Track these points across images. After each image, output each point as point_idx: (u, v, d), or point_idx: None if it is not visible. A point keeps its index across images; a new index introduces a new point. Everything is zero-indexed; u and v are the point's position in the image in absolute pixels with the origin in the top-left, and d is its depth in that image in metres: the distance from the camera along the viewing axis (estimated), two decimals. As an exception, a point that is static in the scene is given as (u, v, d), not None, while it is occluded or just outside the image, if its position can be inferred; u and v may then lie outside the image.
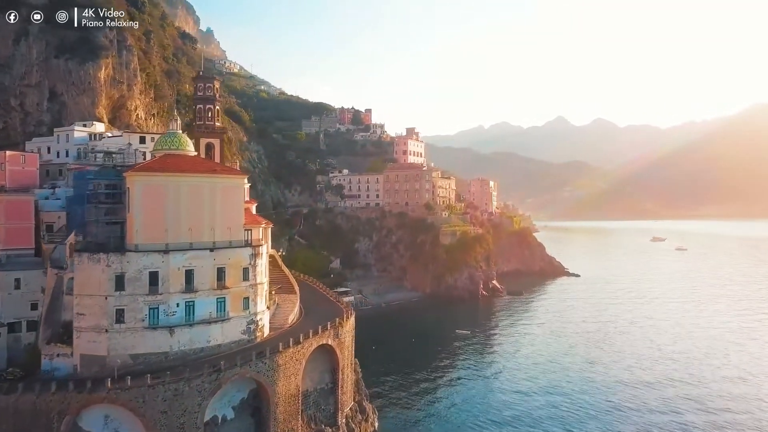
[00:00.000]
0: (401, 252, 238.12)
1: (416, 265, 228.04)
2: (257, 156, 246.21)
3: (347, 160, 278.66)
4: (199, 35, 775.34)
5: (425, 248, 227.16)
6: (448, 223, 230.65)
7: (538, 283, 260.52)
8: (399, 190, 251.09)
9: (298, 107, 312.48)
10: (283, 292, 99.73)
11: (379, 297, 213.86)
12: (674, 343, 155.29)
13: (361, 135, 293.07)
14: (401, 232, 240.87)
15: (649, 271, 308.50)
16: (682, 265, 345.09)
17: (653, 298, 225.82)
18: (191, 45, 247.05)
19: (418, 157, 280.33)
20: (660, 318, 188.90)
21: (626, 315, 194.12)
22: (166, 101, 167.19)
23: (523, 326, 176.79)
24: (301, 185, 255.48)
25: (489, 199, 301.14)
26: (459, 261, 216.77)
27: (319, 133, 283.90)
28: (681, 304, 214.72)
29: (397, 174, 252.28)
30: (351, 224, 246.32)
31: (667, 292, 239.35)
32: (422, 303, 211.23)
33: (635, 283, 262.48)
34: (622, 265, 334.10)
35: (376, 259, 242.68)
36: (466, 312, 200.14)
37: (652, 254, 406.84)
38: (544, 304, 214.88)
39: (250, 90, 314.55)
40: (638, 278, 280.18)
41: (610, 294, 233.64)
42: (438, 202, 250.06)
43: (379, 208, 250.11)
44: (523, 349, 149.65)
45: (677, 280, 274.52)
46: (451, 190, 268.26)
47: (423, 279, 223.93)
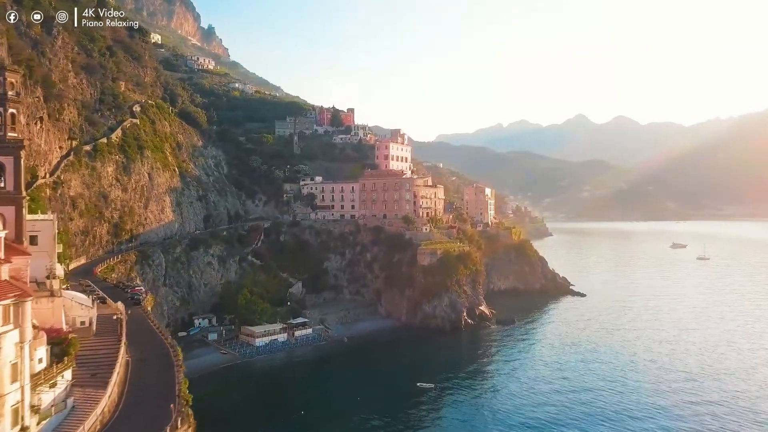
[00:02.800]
0: (376, 272, 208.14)
1: (391, 289, 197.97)
2: (215, 162, 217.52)
3: (324, 166, 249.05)
4: (200, 33, 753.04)
5: (401, 269, 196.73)
6: (428, 239, 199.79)
7: (536, 306, 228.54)
8: (377, 200, 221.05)
9: (273, 107, 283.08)
10: (89, 385, 65.81)
11: (346, 328, 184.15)
12: (698, 392, 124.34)
13: (340, 138, 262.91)
14: (377, 249, 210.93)
15: (667, 288, 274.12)
16: (704, 278, 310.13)
17: (669, 323, 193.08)
18: (141, 38, 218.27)
19: (402, 163, 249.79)
20: (675, 353, 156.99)
21: (635, 348, 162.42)
22: (65, 100, 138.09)
23: (507, 373, 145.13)
24: (267, 195, 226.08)
25: (485, 209, 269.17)
26: (438, 285, 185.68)
27: (294, 135, 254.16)
28: (702, 334, 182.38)
29: (374, 182, 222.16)
30: (321, 240, 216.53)
31: (685, 316, 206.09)
32: (394, 335, 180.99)
33: (649, 305, 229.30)
34: (636, 280, 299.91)
35: (349, 280, 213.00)
36: (444, 348, 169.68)
37: (671, 265, 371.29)
38: (538, 336, 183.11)
39: (221, 88, 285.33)
40: (653, 298, 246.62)
41: (617, 320, 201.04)
42: (421, 214, 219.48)
43: (354, 220, 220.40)
44: (500, 409, 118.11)
45: (698, 300, 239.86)
46: (438, 200, 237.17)
47: (399, 305, 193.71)
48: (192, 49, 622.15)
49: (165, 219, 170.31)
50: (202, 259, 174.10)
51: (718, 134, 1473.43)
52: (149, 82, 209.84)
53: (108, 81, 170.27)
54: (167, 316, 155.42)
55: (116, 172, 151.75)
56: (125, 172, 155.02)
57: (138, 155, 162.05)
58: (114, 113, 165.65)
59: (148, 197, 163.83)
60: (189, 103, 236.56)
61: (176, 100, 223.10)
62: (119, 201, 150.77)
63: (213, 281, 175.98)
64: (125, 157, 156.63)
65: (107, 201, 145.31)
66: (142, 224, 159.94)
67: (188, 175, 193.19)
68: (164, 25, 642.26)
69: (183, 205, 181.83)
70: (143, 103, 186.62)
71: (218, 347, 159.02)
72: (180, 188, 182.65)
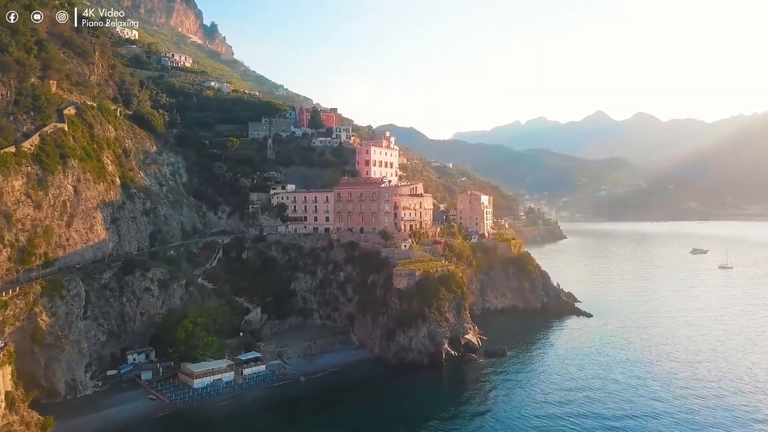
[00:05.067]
0: (349, 294, 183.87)
1: (364, 315, 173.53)
2: (171, 170, 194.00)
3: (301, 172, 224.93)
4: (202, 30, 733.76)
5: (375, 292, 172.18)
6: (407, 258, 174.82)
7: (534, 329, 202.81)
8: (353, 211, 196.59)
9: (248, 107, 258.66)
10: None
11: (308, 362, 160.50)
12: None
13: (320, 140, 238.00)
14: (350, 268, 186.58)
15: (685, 305, 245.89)
16: (727, 291, 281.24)
17: (684, 360, 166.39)
18: (90, 32, 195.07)
19: (385, 169, 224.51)
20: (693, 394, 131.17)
21: (636, 395, 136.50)
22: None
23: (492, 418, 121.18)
24: (231, 206, 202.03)
25: (480, 218, 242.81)
26: (415, 313, 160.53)
27: (268, 138, 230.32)
28: (727, 364, 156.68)
29: (350, 191, 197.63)
30: (289, 257, 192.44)
31: (703, 347, 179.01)
32: (364, 371, 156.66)
33: (663, 327, 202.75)
34: (651, 294, 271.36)
35: (320, 303, 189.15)
36: (420, 387, 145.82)
37: (690, 275, 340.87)
38: (529, 372, 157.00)
39: (193, 87, 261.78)
40: (668, 317, 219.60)
41: (623, 350, 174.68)
42: (403, 227, 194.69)
43: (327, 235, 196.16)
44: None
45: (719, 325, 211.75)
46: (424, 211, 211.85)
47: (372, 334, 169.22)
48: (191, 47, 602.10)
49: (95, 238, 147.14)
50: (139, 284, 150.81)
51: (741, 131, 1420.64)
52: (96, 81, 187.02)
53: (30, 80, 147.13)
54: (88, 355, 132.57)
55: (26, 186, 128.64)
56: (40, 185, 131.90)
57: (59, 165, 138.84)
58: (33, 117, 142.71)
59: (72, 214, 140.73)
60: (150, 103, 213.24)
61: (131, 101, 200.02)
62: (29, 220, 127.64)
63: (152, 310, 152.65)
64: (41, 169, 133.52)
65: (10, 222, 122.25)
66: (63, 246, 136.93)
67: (134, 186, 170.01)
68: (162, 23, 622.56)
69: (122, 220, 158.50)
70: (80, 105, 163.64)
71: (149, 390, 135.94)
72: (119, 201, 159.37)
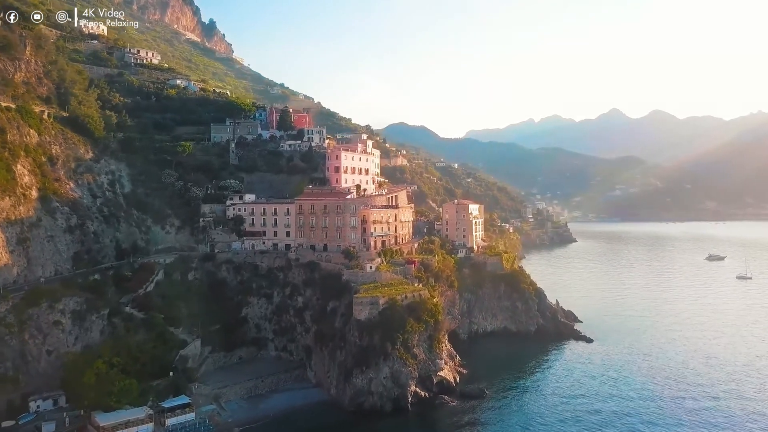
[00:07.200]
0: (307, 324, 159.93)
1: (321, 350, 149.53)
2: (110, 180, 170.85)
3: (267, 179, 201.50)
4: (200, 27, 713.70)
5: (335, 322, 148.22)
6: (373, 282, 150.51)
7: (525, 357, 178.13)
8: (316, 226, 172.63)
9: (213, 107, 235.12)
10: None
11: (251, 406, 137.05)
12: None
13: (289, 144, 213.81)
14: (310, 293, 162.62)
15: (698, 324, 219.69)
16: (745, 307, 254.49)
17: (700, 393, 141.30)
18: (20, 24, 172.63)
19: (359, 176, 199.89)
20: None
21: None
22: None
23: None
24: (181, 219, 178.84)
25: (469, 230, 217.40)
26: (376, 350, 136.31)
27: (231, 141, 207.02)
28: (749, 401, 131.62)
29: (312, 203, 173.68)
30: (241, 278, 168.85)
31: (720, 377, 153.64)
32: (315, 417, 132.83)
33: (670, 357, 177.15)
34: (661, 312, 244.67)
35: (276, 332, 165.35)
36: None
37: (705, 287, 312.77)
38: (515, 418, 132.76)
39: (155, 86, 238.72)
40: (678, 342, 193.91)
41: (628, 385, 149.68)
42: (373, 244, 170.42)
43: (286, 253, 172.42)
44: None
45: (739, 352, 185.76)
46: (401, 224, 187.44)
47: (329, 372, 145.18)
48: (184, 44, 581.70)
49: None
50: (45, 317, 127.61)
51: (761, 128, 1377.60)
52: (21, 80, 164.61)
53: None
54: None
55: None
56: None
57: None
58: None
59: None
60: (98, 104, 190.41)
61: (68, 102, 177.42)
62: None
63: (62, 347, 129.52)
64: None
65: None
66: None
67: (58, 199, 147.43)
68: (156, 20, 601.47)
69: (33, 241, 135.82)
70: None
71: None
72: (32, 218, 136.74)
